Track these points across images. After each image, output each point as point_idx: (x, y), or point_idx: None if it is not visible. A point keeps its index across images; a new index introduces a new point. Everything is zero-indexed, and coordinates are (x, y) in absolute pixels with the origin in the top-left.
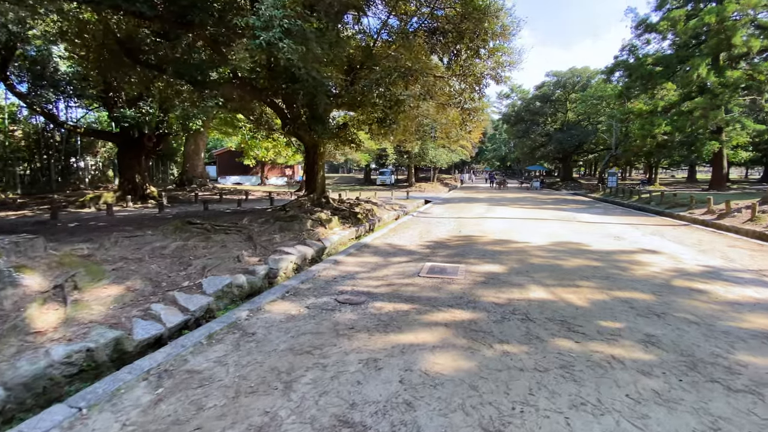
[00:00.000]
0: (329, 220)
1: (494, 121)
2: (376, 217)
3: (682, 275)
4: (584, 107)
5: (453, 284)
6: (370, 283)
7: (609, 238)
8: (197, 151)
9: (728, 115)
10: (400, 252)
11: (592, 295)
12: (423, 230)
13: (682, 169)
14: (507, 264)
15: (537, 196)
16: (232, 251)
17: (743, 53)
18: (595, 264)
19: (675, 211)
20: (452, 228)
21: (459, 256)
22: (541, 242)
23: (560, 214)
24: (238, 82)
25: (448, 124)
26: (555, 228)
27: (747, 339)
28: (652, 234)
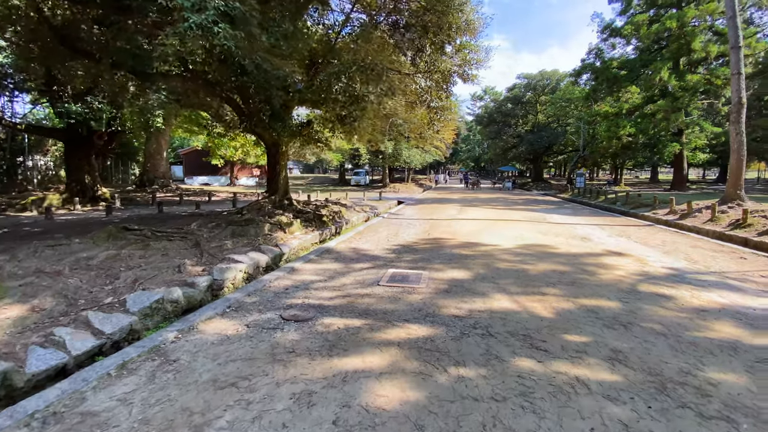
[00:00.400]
0: (290, 223)
1: (468, 123)
2: (343, 219)
3: (647, 279)
4: (554, 109)
5: (414, 294)
6: (324, 295)
7: (576, 240)
8: (159, 150)
9: (688, 118)
10: (363, 257)
11: (558, 303)
12: (391, 233)
13: (645, 170)
14: (473, 269)
15: (509, 197)
16: (173, 260)
17: (702, 58)
18: (562, 268)
19: (639, 212)
20: (422, 230)
21: (424, 261)
22: (509, 245)
23: (530, 215)
24: (189, 75)
25: (417, 123)
26: (524, 229)
27: (715, 351)
28: (618, 235)
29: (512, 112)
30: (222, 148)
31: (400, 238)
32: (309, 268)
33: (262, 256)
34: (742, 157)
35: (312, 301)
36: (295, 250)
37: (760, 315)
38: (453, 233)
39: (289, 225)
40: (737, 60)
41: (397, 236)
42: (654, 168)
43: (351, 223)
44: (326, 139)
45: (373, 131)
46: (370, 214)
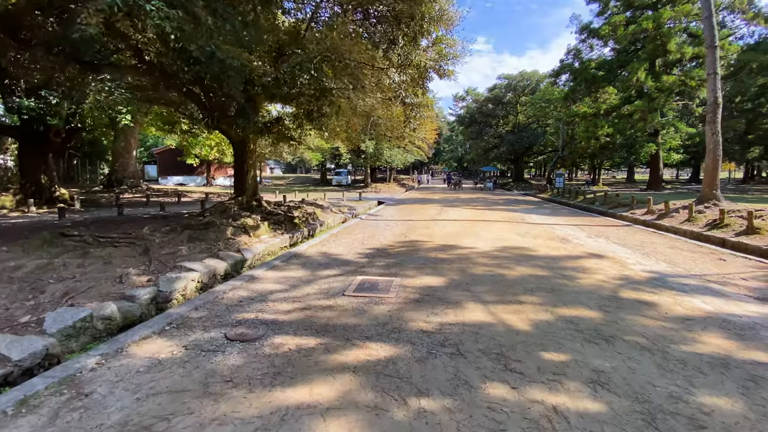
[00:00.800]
0: (256, 226)
1: (450, 123)
2: (317, 221)
3: (628, 283)
4: (533, 110)
5: (381, 305)
6: (281, 307)
7: (555, 241)
8: (128, 148)
9: (663, 119)
10: (333, 263)
11: (536, 314)
12: (367, 235)
13: (622, 170)
14: (447, 275)
15: (489, 197)
16: (115, 270)
17: (677, 59)
18: (541, 273)
19: (618, 212)
20: (399, 232)
21: (397, 267)
22: (487, 247)
23: (509, 215)
24: (144, 66)
25: (393, 121)
26: (503, 230)
27: (705, 369)
28: (597, 236)
29: (493, 112)
30: (197, 147)
31: (375, 241)
32: (271, 276)
33: (219, 263)
34: (718, 157)
35: (267, 315)
36: (261, 255)
37: (746, 324)
38: (430, 235)
39: (256, 228)
40: (713, 59)
41: (373, 239)
42: (630, 168)
43: (326, 225)
44: (299, 137)
45: (349, 129)
46: (347, 215)
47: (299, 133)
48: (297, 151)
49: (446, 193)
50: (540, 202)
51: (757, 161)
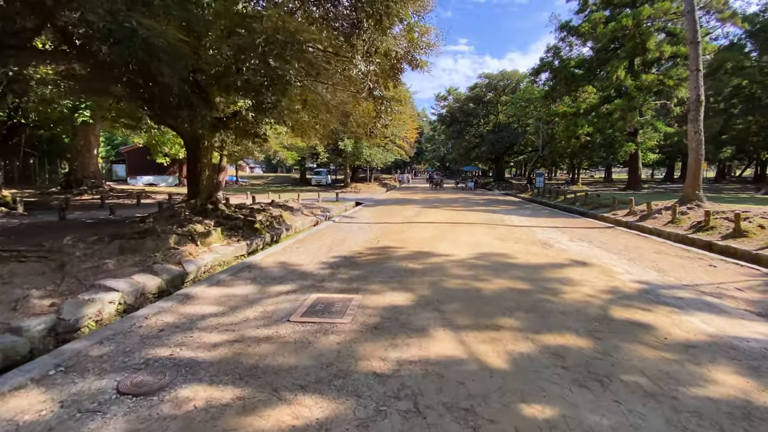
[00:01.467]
0: (207, 233)
1: (432, 123)
2: (284, 225)
3: (618, 298)
4: (514, 109)
5: (331, 334)
6: (208, 339)
7: (537, 246)
8: (88, 146)
9: (642, 118)
10: (289, 276)
11: (515, 343)
12: (336, 240)
13: (599, 169)
14: (416, 290)
15: (470, 197)
16: (15, 291)
17: (656, 58)
18: (521, 286)
19: (599, 212)
20: (371, 237)
21: (361, 280)
22: (464, 254)
23: (489, 216)
24: (74, 51)
25: (363, 116)
26: (482, 234)
27: (726, 426)
28: (579, 239)
29: (474, 111)
30: (166, 145)
31: (344, 248)
32: (211, 295)
33: (151, 279)
34: (701, 157)
35: (185, 352)
36: (209, 266)
37: (757, 351)
38: (405, 240)
39: (206, 235)
40: (696, 56)
41: (342, 245)
42: (608, 168)
43: (294, 229)
44: (263, 134)
45: (317, 125)
46: (319, 217)
47: (263, 129)
48: (270, 149)
49: (427, 193)
50: (520, 202)
51: (729, 161)
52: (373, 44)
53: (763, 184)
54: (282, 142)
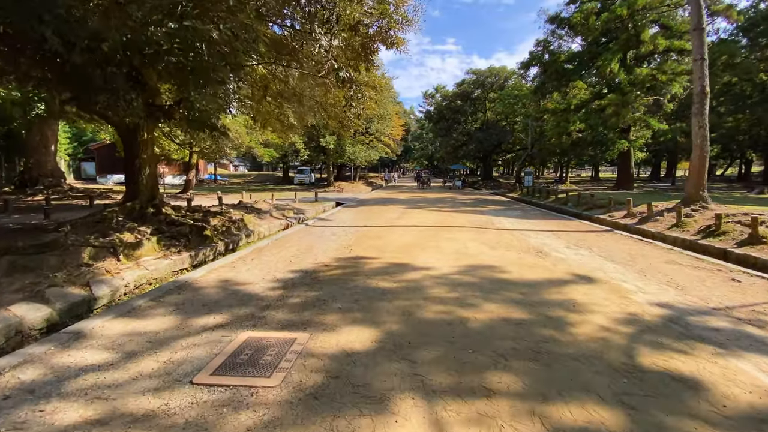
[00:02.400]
0: (137, 243)
1: (420, 121)
2: (244, 231)
3: (641, 332)
4: (502, 106)
5: (243, 412)
6: (61, 420)
7: (531, 255)
8: (45, 143)
9: (635, 114)
10: (226, 300)
11: (515, 424)
12: (302, 249)
13: (586, 168)
14: (383, 324)
15: (458, 197)
16: None
17: (650, 52)
18: (518, 314)
19: (594, 214)
20: (344, 244)
21: (316, 308)
22: (448, 267)
23: (478, 218)
24: None
25: (335, 106)
26: (469, 239)
27: None
28: (577, 246)
29: (462, 108)
30: None
31: (308, 259)
32: (111, 332)
33: (37, 309)
34: (706, 154)
35: None
36: (132, 287)
37: None
38: (382, 248)
39: (135, 246)
40: (700, 43)
41: (307, 255)
42: (595, 166)
43: (257, 235)
44: (223, 127)
45: (281, 116)
46: (291, 220)
47: (219, 121)
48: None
49: (413, 193)
50: (509, 202)
51: (714, 160)
52: (333, 10)
53: (755, 183)
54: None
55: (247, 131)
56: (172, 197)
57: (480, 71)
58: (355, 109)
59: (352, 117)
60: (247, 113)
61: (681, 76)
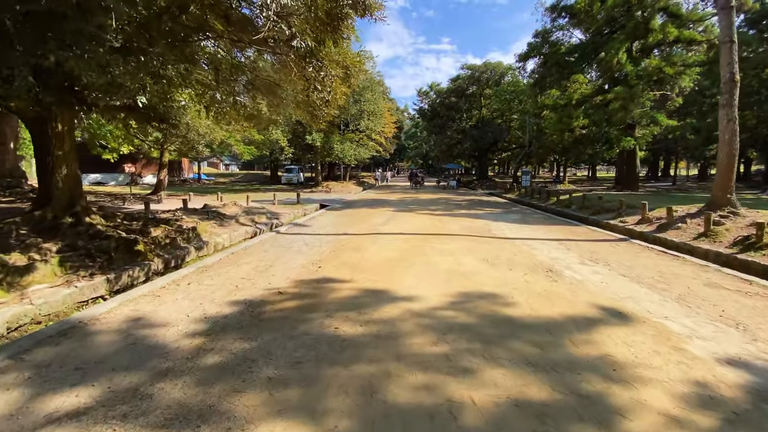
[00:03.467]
0: (27, 267)
1: (415, 119)
2: (194, 242)
3: (731, 427)
4: (498, 103)
5: None
6: None
7: (540, 276)
8: (3, 140)
9: (642, 109)
10: (117, 357)
11: None
12: (259, 267)
13: (582, 168)
14: (325, 419)
15: (452, 198)
16: None
17: (657, 42)
18: (538, 393)
19: (602, 218)
20: (313, 259)
21: (233, 377)
22: (437, 296)
23: (474, 224)
24: None
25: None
26: (464, 252)
27: None
28: (592, 260)
29: (456, 105)
30: (103, 138)
31: (260, 282)
32: None
33: None
34: (735, 151)
35: None
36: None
37: None
38: (358, 265)
39: (24, 271)
40: (728, 23)
41: (262, 276)
42: (593, 166)
43: (213, 247)
44: (173, 118)
45: (237, 105)
46: (261, 227)
47: (165, 110)
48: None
49: (406, 193)
50: (507, 204)
51: (713, 159)
52: None
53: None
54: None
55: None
56: (138, 199)
57: (475, 66)
58: (320, 93)
59: (319, 103)
60: (197, 101)
61: (691, 69)
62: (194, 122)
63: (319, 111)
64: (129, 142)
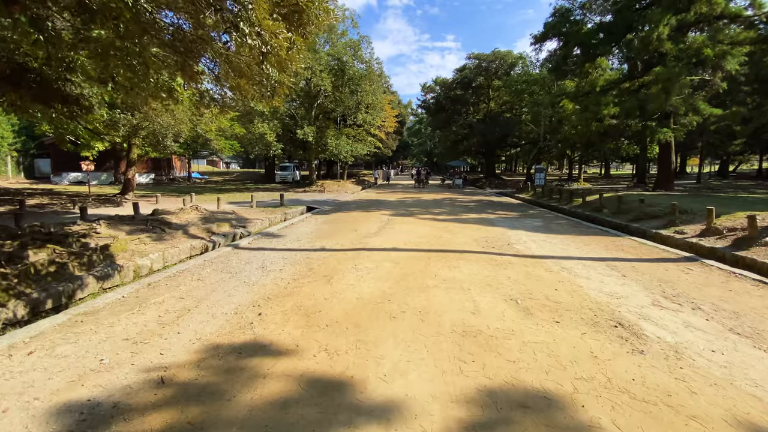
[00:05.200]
0: None
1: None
2: (100, 268)
3: None
4: (508, 94)
5: None
6: None
7: (609, 339)
8: None
9: (680, 96)
10: None
11: None
12: (168, 313)
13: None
14: None
15: (458, 198)
16: None
17: (696, 19)
18: None
19: (647, 227)
20: (258, 297)
21: None
22: (438, 412)
23: (487, 234)
24: None
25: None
26: (481, 286)
27: None
28: (671, 299)
29: (462, 98)
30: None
31: (149, 351)
32: None
33: None
34: None
35: None
36: None
37: None
38: (316, 314)
39: None
40: None
41: (163, 333)
42: (606, 162)
43: (128, 273)
44: (79, 97)
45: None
46: (217, 238)
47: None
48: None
49: (407, 193)
50: (522, 206)
51: (739, 155)
52: None
53: None
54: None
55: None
56: (96, 201)
57: (483, 56)
58: (251, 40)
59: (251, 60)
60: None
61: (738, 48)
62: (149, 110)
63: (268, 85)
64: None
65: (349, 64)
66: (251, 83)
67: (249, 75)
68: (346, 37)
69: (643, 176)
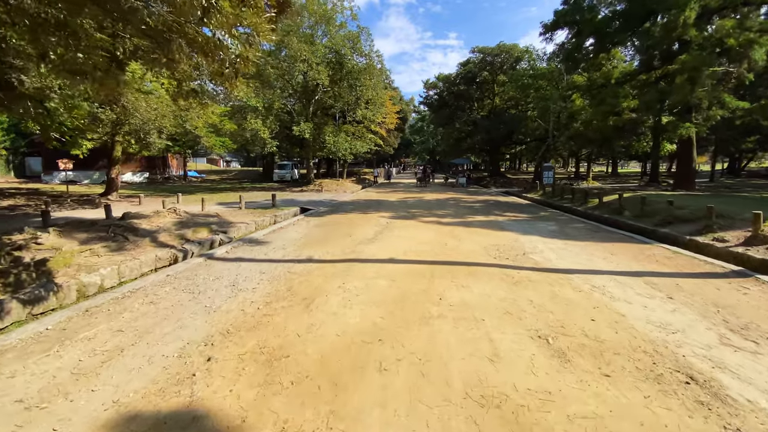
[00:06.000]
0: None
1: (422, 112)
2: (22, 293)
3: None
4: (514, 89)
5: None
6: None
7: (688, 409)
8: None
9: (704, 89)
10: None
11: None
12: (91, 358)
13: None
14: None
15: (462, 198)
16: None
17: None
18: None
19: (677, 232)
20: (214, 331)
21: None
22: None
23: (499, 240)
24: None
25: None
26: (497, 320)
27: None
28: (740, 334)
29: (466, 93)
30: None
31: (39, 426)
32: None
33: None
34: None
35: None
36: None
37: None
38: (281, 362)
39: None
40: None
41: (69, 396)
42: (614, 160)
43: (70, 293)
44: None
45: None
46: (191, 247)
47: None
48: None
49: (409, 193)
50: (531, 206)
51: (749, 152)
52: None
53: None
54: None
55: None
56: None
57: (487, 49)
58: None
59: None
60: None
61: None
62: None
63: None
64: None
65: (347, 57)
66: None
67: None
68: (344, 29)
69: (655, 174)
